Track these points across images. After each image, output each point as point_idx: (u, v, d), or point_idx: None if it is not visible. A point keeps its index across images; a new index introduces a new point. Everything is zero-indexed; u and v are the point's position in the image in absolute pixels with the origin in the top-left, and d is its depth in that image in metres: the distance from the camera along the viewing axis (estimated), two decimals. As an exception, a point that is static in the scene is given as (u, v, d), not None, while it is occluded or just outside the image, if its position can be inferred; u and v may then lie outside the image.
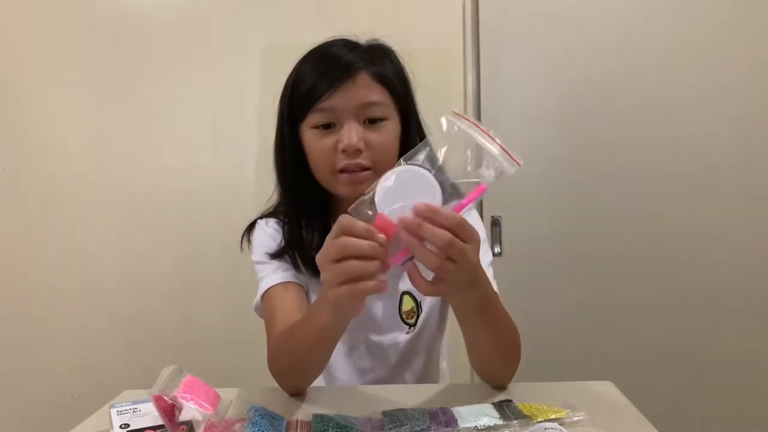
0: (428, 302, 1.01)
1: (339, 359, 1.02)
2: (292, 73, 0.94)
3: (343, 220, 0.65)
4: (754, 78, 1.55)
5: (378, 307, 1.00)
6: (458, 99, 1.61)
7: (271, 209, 1.02)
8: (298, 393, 0.88)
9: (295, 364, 0.85)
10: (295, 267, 0.95)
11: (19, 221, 1.63)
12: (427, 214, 0.63)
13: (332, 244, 0.65)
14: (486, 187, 0.64)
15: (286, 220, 0.98)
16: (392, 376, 1.02)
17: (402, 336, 1.00)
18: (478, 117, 1.60)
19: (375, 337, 1.00)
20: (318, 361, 0.86)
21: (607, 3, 1.58)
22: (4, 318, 1.64)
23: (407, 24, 1.49)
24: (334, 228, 0.65)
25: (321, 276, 0.67)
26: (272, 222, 1.01)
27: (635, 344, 1.61)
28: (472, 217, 0.93)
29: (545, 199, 1.60)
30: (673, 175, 1.58)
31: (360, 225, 0.63)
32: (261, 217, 1.04)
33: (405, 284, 1.00)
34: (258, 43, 1.60)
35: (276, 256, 0.96)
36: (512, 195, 1.58)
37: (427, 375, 1.05)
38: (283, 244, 0.97)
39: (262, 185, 1.63)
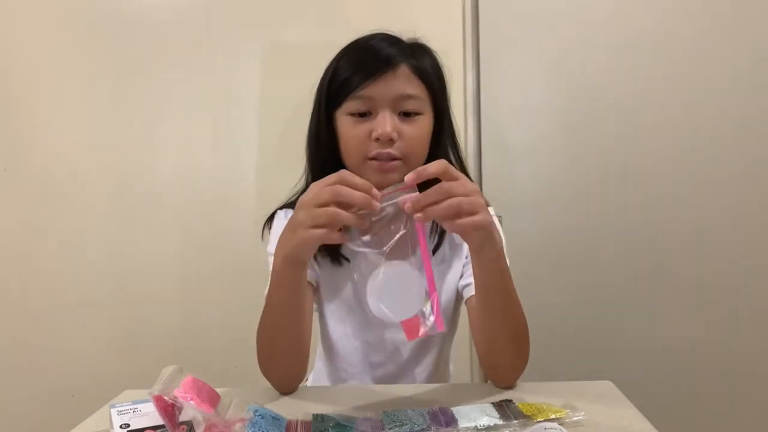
0: (443, 302, 1.02)
1: (350, 353, 1.03)
2: (331, 63, 0.96)
3: (344, 173, 0.71)
4: (756, 79, 1.55)
5: None
6: (458, 99, 1.60)
7: (295, 197, 1.02)
8: (287, 389, 0.90)
9: (267, 348, 0.88)
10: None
11: (19, 221, 1.63)
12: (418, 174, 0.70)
13: (326, 189, 0.70)
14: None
15: None
16: (403, 372, 1.03)
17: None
18: (478, 117, 1.60)
19: (388, 334, 1.01)
20: (287, 334, 0.87)
21: (608, 3, 1.58)
22: (4, 318, 1.64)
23: (407, 24, 1.48)
24: (332, 177, 0.71)
25: (295, 215, 0.73)
26: (291, 213, 1.02)
27: (635, 344, 1.61)
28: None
29: (545, 199, 1.60)
30: (674, 175, 1.58)
31: (359, 179, 0.70)
32: (282, 207, 1.05)
33: None
34: (258, 43, 1.60)
35: None
36: (512, 195, 1.58)
37: (437, 372, 1.05)
38: None
39: (262, 185, 1.65)
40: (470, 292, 0.96)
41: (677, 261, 1.59)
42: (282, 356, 0.88)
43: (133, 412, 0.76)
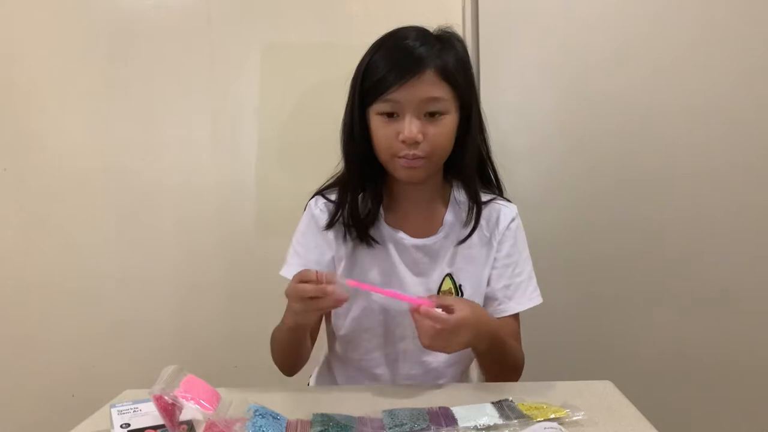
0: (468, 291, 1.06)
1: (374, 326, 1.06)
2: (365, 57, 1.00)
3: (296, 278, 0.87)
4: (758, 79, 1.55)
5: (418, 284, 1.05)
6: (458, 99, 1.60)
7: (333, 180, 1.10)
8: (289, 374, 1.09)
9: (281, 354, 1.07)
10: (347, 231, 1.05)
11: (19, 221, 1.63)
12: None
13: (294, 287, 0.87)
14: None
15: (347, 190, 1.05)
16: (421, 350, 1.05)
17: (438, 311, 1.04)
18: (478, 117, 1.60)
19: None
20: (297, 350, 1.05)
21: (608, 4, 1.58)
22: (5, 318, 1.64)
23: (407, 24, 1.49)
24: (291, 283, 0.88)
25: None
26: (322, 202, 1.08)
27: (635, 344, 1.61)
28: (520, 240, 1.11)
29: (545, 199, 1.60)
30: (673, 175, 1.58)
31: (312, 274, 0.86)
32: (321, 191, 1.11)
33: (450, 268, 1.06)
34: (258, 43, 1.60)
35: (331, 224, 1.06)
36: (512, 195, 1.58)
37: (459, 358, 1.08)
38: (326, 223, 1.06)
39: (262, 185, 1.65)
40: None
41: (677, 261, 1.59)
42: (286, 361, 1.08)
43: (134, 411, 0.76)
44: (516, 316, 1.07)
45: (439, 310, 0.87)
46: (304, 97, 1.58)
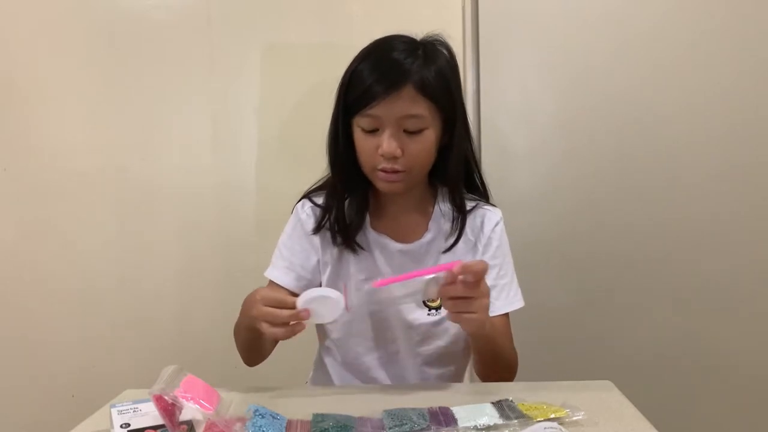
0: None
1: (365, 329, 1.07)
2: (351, 65, 1.00)
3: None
4: (757, 80, 1.55)
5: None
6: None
7: (322, 182, 1.11)
8: (249, 365, 1.11)
9: (244, 350, 1.08)
10: (333, 237, 1.05)
11: (19, 221, 1.63)
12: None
13: (260, 307, 0.87)
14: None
15: (333, 196, 1.06)
16: (413, 350, 1.07)
17: (423, 316, 1.05)
18: (478, 118, 1.59)
19: (404, 312, 1.06)
20: (260, 348, 1.07)
21: (608, 4, 1.58)
22: (5, 318, 1.64)
23: (407, 24, 1.48)
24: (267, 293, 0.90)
25: (252, 309, 0.89)
26: (308, 206, 1.09)
27: (635, 344, 1.61)
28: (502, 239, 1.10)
29: (545, 200, 1.59)
30: (673, 176, 1.58)
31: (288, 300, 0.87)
32: (308, 194, 1.12)
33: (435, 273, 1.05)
34: (258, 43, 1.60)
35: (318, 229, 1.07)
36: (511, 196, 1.58)
37: (448, 356, 1.08)
38: (312, 228, 1.07)
39: (262, 185, 1.65)
40: None
41: (677, 261, 1.59)
42: (250, 357, 1.10)
43: (134, 411, 0.76)
44: (504, 317, 1.07)
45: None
46: (304, 97, 1.58)
